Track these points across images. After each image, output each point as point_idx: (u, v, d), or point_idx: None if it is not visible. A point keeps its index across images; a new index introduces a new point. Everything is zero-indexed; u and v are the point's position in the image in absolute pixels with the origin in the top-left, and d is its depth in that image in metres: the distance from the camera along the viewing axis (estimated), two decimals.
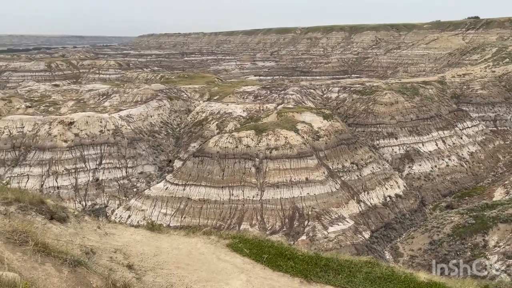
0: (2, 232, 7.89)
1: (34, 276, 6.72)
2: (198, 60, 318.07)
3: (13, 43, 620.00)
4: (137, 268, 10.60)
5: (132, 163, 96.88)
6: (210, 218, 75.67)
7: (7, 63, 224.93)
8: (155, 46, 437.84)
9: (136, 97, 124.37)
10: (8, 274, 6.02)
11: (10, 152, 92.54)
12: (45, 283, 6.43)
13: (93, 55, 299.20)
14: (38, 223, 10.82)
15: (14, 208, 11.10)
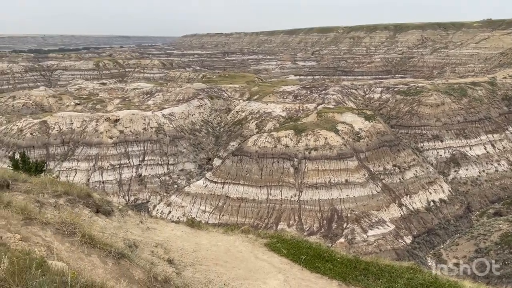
0: (52, 223, 8.26)
1: (81, 266, 6.99)
2: (239, 59, 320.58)
3: (64, 43, 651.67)
4: (177, 263, 10.81)
5: (173, 160, 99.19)
6: (248, 216, 76.11)
7: (59, 62, 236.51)
8: (197, 46, 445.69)
9: (178, 96, 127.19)
10: (57, 264, 6.28)
11: (59, 147, 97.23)
12: (91, 274, 6.67)
13: (138, 55, 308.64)
14: (85, 215, 11.28)
15: (63, 200, 11.63)
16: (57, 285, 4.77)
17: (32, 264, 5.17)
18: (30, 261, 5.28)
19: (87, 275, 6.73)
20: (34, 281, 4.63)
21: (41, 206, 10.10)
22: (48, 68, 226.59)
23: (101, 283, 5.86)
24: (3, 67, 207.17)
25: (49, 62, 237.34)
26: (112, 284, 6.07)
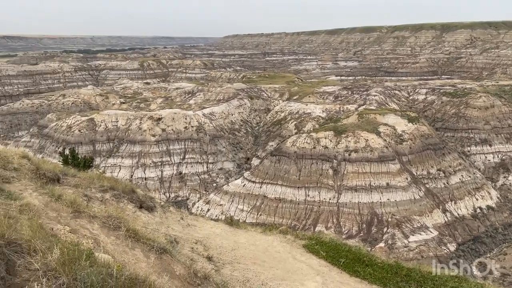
0: (99, 217, 8.59)
1: (125, 259, 7.22)
2: (279, 60, 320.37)
3: (111, 43, 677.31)
4: (216, 260, 10.94)
5: (212, 159, 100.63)
6: (285, 217, 75.89)
7: (106, 62, 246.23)
8: (238, 46, 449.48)
9: (219, 96, 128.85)
10: (103, 256, 6.51)
11: (105, 144, 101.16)
12: (135, 267, 6.87)
13: (181, 55, 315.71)
14: (129, 210, 11.65)
15: (109, 195, 12.07)
16: (104, 277, 4.93)
17: (81, 256, 5.37)
18: (79, 252, 5.50)
19: (131, 268, 6.93)
20: (83, 272, 4.81)
21: (88, 200, 10.53)
22: (96, 68, 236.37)
23: (144, 276, 6.01)
24: (54, 66, 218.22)
25: (97, 62, 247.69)
26: (155, 278, 6.22)
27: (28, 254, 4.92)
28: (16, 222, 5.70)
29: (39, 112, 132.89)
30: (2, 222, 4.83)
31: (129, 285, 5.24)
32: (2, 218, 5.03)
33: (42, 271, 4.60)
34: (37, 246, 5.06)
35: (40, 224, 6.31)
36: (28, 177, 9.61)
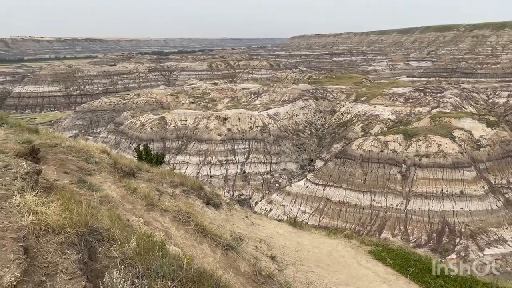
0: (170, 211, 8.99)
1: (193, 253, 7.48)
2: (347, 60, 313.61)
3: (183, 45, 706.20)
4: (279, 260, 10.97)
5: (276, 159, 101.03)
6: (349, 221, 74.08)
7: (177, 63, 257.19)
8: (305, 47, 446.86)
9: (284, 97, 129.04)
10: (174, 249, 6.79)
11: (174, 141, 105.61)
12: (202, 261, 7.09)
13: (248, 56, 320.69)
14: (197, 206, 12.06)
15: (179, 191, 12.58)
16: (175, 268, 5.14)
17: (154, 247, 5.65)
18: (152, 243, 5.78)
19: (199, 262, 7.17)
20: (156, 262, 5.05)
21: (160, 194, 11.05)
22: (167, 69, 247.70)
23: (211, 271, 6.18)
24: (130, 67, 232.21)
25: (169, 63, 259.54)
26: (221, 273, 6.37)
27: (108, 243, 5.27)
28: (97, 212, 6.11)
29: (116, 110, 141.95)
30: (86, 211, 5.20)
31: (198, 278, 5.41)
32: (86, 208, 5.41)
33: (120, 259, 4.90)
34: (116, 235, 5.40)
35: (118, 215, 6.74)
36: (107, 170, 10.30)
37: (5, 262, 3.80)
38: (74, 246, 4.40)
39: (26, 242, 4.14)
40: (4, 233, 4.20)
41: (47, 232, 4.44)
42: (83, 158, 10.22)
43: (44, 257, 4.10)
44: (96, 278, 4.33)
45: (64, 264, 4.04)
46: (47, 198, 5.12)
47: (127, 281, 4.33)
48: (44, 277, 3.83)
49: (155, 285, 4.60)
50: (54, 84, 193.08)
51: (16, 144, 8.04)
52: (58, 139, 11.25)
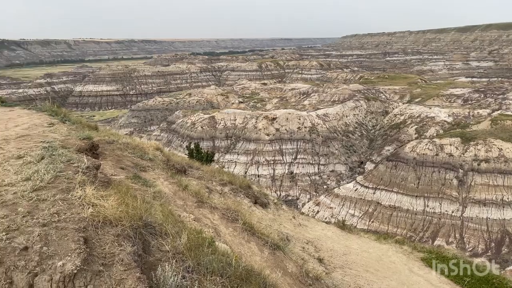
0: (219, 208, 9.14)
1: (241, 251, 7.56)
2: (401, 60, 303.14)
3: (233, 46, 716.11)
4: (327, 263, 10.81)
5: (324, 160, 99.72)
6: (400, 227, 71.58)
7: (227, 63, 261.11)
8: (357, 46, 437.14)
9: (334, 97, 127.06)
10: (222, 245, 6.90)
11: (224, 140, 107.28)
12: (250, 260, 7.15)
13: (298, 56, 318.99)
14: (245, 204, 12.17)
15: (228, 189, 12.77)
16: (224, 265, 5.22)
17: (204, 243, 5.77)
18: (202, 239, 5.91)
19: (247, 260, 7.23)
20: (205, 258, 5.16)
21: (210, 192, 11.27)
22: (218, 69, 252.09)
23: (259, 269, 6.21)
24: (183, 68, 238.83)
25: (219, 63, 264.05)
26: (268, 272, 6.39)
27: (160, 237, 5.45)
28: (151, 207, 6.34)
29: (169, 109, 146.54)
30: (140, 206, 5.42)
31: (246, 276, 5.46)
32: (140, 202, 5.63)
33: (172, 253, 5.05)
34: (168, 230, 5.58)
35: (170, 210, 6.95)
36: (160, 167, 10.66)
37: (66, 251, 4.04)
38: (129, 239, 4.59)
39: (86, 233, 4.38)
40: (66, 224, 4.47)
41: (105, 224, 4.67)
42: (138, 155, 10.63)
43: (102, 248, 4.32)
44: (149, 270, 4.50)
45: (120, 255, 4.23)
46: (105, 192, 5.39)
47: (178, 275, 4.46)
48: (102, 267, 4.03)
49: (204, 280, 4.70)
50: (112, 83, 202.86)
51: (77, 140, 8.52)
52: (115, 136, 11.80)
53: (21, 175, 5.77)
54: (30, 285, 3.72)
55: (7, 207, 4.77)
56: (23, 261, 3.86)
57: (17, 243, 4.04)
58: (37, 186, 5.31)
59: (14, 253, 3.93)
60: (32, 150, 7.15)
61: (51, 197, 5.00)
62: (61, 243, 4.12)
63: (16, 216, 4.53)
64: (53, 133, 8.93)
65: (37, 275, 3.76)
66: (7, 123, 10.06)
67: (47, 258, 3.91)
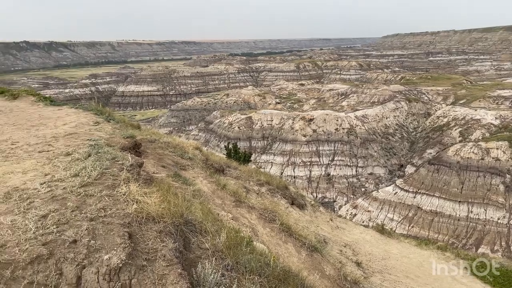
0: (257, 208, 9.18)
1: (279, 251, 7.56)
2: (445, 60, 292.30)
3: (271, 46, 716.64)
4: (365, 267, 10.61)
5: (362, 163, 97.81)
6: (442, 233, 69.04)
7: (265, 64, 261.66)
8: (398, 46, 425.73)
9: (373, 98, 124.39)
10: (260, 245, 6.93)
11: (260, 141, 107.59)
12: (287, 261, 7.13)
13: (337, 56, 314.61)
14: (282, 205, 12.15)
15: (265, 189, 12.80)
16: (262, 265, 5.24)
17: (242, 242, 5.81)
18: (240, 239, 5.96)
19: (284, 261, 7.22)
20: (244, 257, 5.20)
21: (247, 191, 11.34)
22: (256, 70, 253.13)
23: (296, 271, 6.19)
24: (221, 68, 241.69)
25: (257, 64, 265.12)
26: (306, 274, 6.35)
27: (200, 234, 5.55)
28: (191, 205, 6.47)
29: (207, 109, 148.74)
30: (181, 203, 5.53)
31: (283, 277, 5.45)
32: (181, 200, 5.75)
33: (211, 251, 5.13)
34: (208, 228, 5.67)
35: (209, 208, 7.06)
36: (200, 166, 10.84)
37: (112, 245, 4.19)
38: (171, 235, 4.70)
39: (130, 228, 4.52)
40: (112, 219, 4.64)
41: (148, 220, 4.81)
42: (178, 153, 10.86)
43: (145, 243, 4.45)
44: (190, 267, 4.59)
45: (162, 251, 4.34)
46: (148, 189, 5.55)
47: (217, 273, 4.52)
48: (145, 261, 4.15)
49: (243, 279, 4.74)
50: (152, 84, 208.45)
51: (121, 139, 8.82)
52: (157, 135, 12.11)
53: (70, 171, 6.05)
54: (78, 277, 3.89)
55: (57, 202, 5.01)
56: (72, 253, 4.04)
57: (66, 236, 4.24)
58: (84, 182, 5.55)
59: (64, 246, 4.12)
60: (79, 147, 7.48)
61: (98, 192, 5.21)
62: (107, 237, 4.29)
63: (65, 210, 4.75)
64: (98, 132, 9.30)
65: (85, 267, 3.93)
66: (56, 122, 10.57)
67: (94, 251, 4.08)
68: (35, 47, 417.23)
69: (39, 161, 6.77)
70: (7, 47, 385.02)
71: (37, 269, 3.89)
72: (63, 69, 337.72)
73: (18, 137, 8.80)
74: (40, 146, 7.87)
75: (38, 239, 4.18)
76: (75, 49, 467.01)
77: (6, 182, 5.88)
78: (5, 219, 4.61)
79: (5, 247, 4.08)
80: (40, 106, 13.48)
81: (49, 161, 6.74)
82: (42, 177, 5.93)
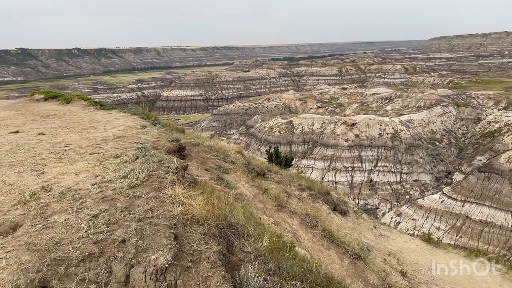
0: (298, 213, 9.12)
1: (321, 258, 7.46)
2: (496, 63, 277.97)
3: (313, 50, 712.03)
4: (410, 277, 10.25)
5: (407, 169, 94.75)
6: (492, 244, 65.46)
7: (306, 68, 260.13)
8: (446, 49, 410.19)
9: (419, 102, 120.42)
10: (302, 251, 6.87)
11: (301, 145, 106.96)
12: (329, 267, 7.02)
13: (381, 60, 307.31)
14: (323, 211, 12.00)
15: (306, 194, 12.69)
16: (304, 271, 5.19)
17: (284, 247, 5.79)
18: (282, 243, 5.94)
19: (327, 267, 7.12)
20: (286, 262, 5.18)
21: (288, 196, 11.30)
22: (297, 74, 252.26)
23: (339, 278, 6.08)
24: (262, 73, 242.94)
25: (298, 68, 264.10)
26: (349, 282, 6.23)
27: (243, 238, 5.58)
28: (234, 209, 6.52)
29: (248, 113, 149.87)
30: (225, 206, 5.60)
31: (326, 284, 5.37)
32: (225, 203, 5.82)
33: (254, 254, 5.14)
34: (250, 232, 5.70)
35: (251, 212, 7.09)
36: (241, 170, 10.93)
37: (159, 246, 4.31)
38: (215, 238, 4.77)
39: (176, 230, 4.63)
40: (158, 220, 4.77)
41: (193, 222, 4.90)
42: (221, 157, 11.01)
43: (190, 245, 4.53)
44: (233, 270, 4.63)
45: (206, 253, 4.41)
46: (192, 192, 5.67)
47: (260, 277, 4.52)
48: (190, 263, 4.23)
49: (285, 284, 4.71)
50: (195, 88, 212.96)
51: (166, 142, 9.06)
52: (200, 139, 12.35)
53: (119, 173, 6.29)
54: (127, 275, 4.02)
55: (108, 202, 5.23)
56: (121, 252, 4.20)
57: (116, 235, 4.40)
58: (133, 183, 5.75)
59: (114, 245, 4.29)
60: (127, 150, 7.76)
61: (145, 194, 5.38)
62: (154, 238, 4.41)
63: (115, 210, 4.94)
64: (145, 135, 9.61)
65: (133, 266, 4.06)
66: (106, 125, 11.04)
67: (142, 251, 4.21)
68: (86, 53, 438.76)
69: (90, 163, 7.10)
70: (60, 54, 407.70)
71: (88, 266, 4.06)
72: (111, 75, 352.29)
73: (71, 139, 9.27)
74: (91, 149, 8.25)
75: (90, 238, 4.38)
76: (122, 55, 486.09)
77: (60, 182, 6.20)
78: (60, 218, 4.86)
79: (59, 244, 4.29)
80: (91, 110, 14.14)
81: (100, 162, 7.05)
82: (93, 178, 6.21)
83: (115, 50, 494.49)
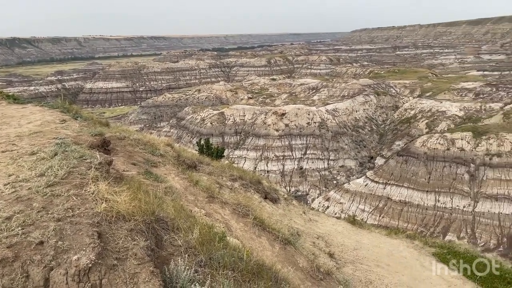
0: (230, 203, 9.17)
1: (252, 246, 7.58)
2: (411, 54, 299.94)
3: (242, 41, 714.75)
4: (338, 258, 10.81)
5: (334, 156, 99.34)
6: (411, 222, 71.17)
7: (236, 59, 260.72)
8: (366, 40, 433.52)
9: (343, 92, 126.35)
10: (233, 240, 6.94)
11: (233, 136, 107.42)
12: (261, 254, 7.17)
13: (307, 51, 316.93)
14: (255, 200, 12.20)
15: (238, 184, 12.80)
16: (235, 259, 5.25)
17: (215, 238, 5.81)
18: (213, 234, 5.95)
19: (258, 254, 7.26)
20: (217, 252, 5.20)
21: (220, 187, 11.32)
22: (227, 65, 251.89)
23: (270, 264, 6.23)
24: (192, 64, 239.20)
25: (228, 59, 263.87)
26: (280, 267, 6.41)
27: (172, 231, 5.50)
28: (163, 202, 6.39)
29: (178, 105, 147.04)
30: (153, 201, 5.46)
31: (257, 270, 5.48)
32: (153, 197, 5.68)
33: (184, 247, 5.09)
34: (180, 225, 5.62)
35: (181, 205, 7.00)
36: (171, 163, 10.72)
37: (81, 246, 4.09)
38: (142, 233, 4.64)
39: (100, 228, 4.43)
40: (80, 218, 4.53)
41: (118, 219, 4.72)
42: (149, 150, 10.70)
43: (116, 242, 4.37)
44: (162, 265, 4.54)
45: (133, 249, 4.28)
46: (118, 188, 5.44)
47: (190, 269, 4.49)
48: (116, 261, 4.08)
49: (216, 274, 4.73)
50: (121, 80, 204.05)
51: (89, 137, 8.59)
52: (126, 132, 11.87)
53: (35, 171, 5.85)
54: (46, 279, 3.78)
55: (22, 202, 4.84)
56: (39, 255, 3.92)
57: (32, 237, 4.11)
58: (51, 181, 5.38)
59: (30, 248, 4.00)
60: (45, 146, 7.23)
61: (65, 192, 5.06)
62: (75, 238, 4.18)
63: (31, 211, 4.60)
64: (65, 130, 9.02)
65: (53, 269, 3.82)
66: (20, 120, 10.18)
67: (62, 252, 3.97)
68: None
69: (3, 161, 6.52)
70: None
71: (2, 272, 3.75)
72: (27, 66, 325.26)
73: None
74: (4, 146, 7.57)
75: (3, 242, 4.04)
76: (39, 45, 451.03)
77: None
78: None
79: None
80: (3, 104, 12.96)
81: (13, 161, 6.50)
82: (5, 178, 5.72)
83: (31, 40, 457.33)
